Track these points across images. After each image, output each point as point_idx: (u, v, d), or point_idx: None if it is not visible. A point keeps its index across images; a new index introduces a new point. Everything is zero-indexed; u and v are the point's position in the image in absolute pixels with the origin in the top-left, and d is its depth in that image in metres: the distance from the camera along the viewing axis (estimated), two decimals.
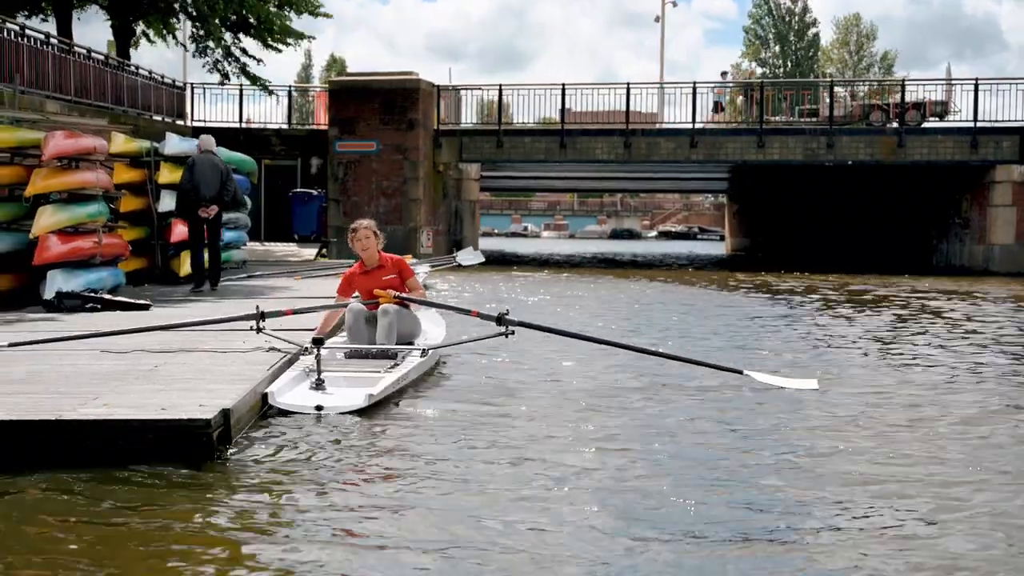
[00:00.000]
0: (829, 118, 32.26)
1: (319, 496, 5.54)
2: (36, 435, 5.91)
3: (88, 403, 6.36)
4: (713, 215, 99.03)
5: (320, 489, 5.66)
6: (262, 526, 5.05)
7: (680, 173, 43.57)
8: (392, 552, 4.69)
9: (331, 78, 33.86)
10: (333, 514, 5.26)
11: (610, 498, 5.50)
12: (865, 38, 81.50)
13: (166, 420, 5.96)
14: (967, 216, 32.26)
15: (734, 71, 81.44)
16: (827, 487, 5.79)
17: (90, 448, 5.90)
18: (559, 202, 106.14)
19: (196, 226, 15.57)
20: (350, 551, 4.73)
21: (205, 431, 5.96)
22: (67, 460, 5.85)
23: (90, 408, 6.21)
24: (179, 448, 5.94)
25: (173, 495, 5.46)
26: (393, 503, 5.41)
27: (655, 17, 61.28)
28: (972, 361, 11.28)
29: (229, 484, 5.71)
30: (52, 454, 5.88)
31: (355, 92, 32.42)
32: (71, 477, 5.65)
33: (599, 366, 10.15)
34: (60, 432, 5.91)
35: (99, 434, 5.92)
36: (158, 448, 5.93)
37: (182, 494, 5.48)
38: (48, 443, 5.90)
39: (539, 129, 34.03)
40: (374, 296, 9.48)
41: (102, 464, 5.82)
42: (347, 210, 32.45)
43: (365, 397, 7.60)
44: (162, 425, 5.93)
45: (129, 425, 5.94)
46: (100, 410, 6.17)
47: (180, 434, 5.94)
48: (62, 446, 5.90)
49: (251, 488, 5.66)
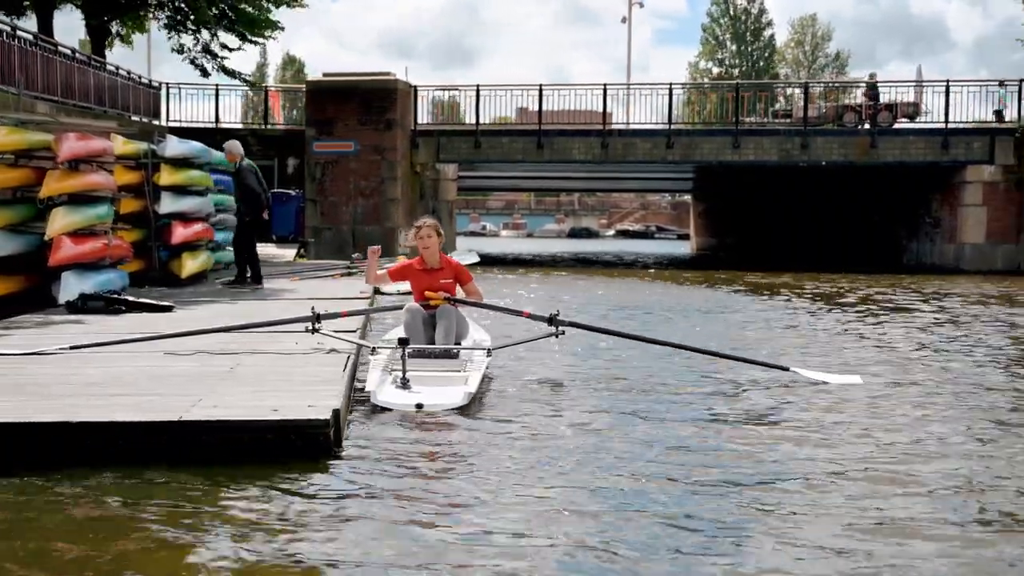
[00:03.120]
0: (803, 119, 32.71)
1: (445, 487, 5.74)
2: (157, 435, 6.02)
3: (196, 404, 6.46)
4: (670, 214, 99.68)
5: (444, 481, 5.86)
6: (396, 516, 5.23)
7: (649, 173, 43.93)
8: (526, 546, 4.84)
9: (309, 78, 33.87)
10: (460, 504, 5.43)
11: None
12: (821, 39, 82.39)
13: (288, 420, 6.09)
14: (938, 216, 32.83)
15: (692, 70, 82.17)
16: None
17: (208, 447, 6.02)
18: (517, 201, 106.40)
19: (258, 227, 16.44)
20: (486, 544, 4.87)
21: (323, 431, 6.11)
22: (185, 459, 5.96)
23: (202, 410, 6.32)
24: (298, 447, 6.07)
25: (307, 491, 5.62)
26: (518, 495, 5.59)
27: (621, 18, 61.54)
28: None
29: (353, 479, 5.87)
30: (172, 453, 5.99)
31: (332, 92, 32.45)
32: (197, 476, 5.77)
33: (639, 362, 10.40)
34: (184, 432, 6.03)
35: (218, 434, 6.04)
36: (277, 447, 6.05)
37: (314, 489, 5.65)
38: (170, 443, 6.02)
39: (517, 129, 34.27)
40: (426, 296, 9.61)
41: (219, 463, 5.94)
42: (325, 210, 32.51)
43: (464, 395, 7.78)
44: (284, 425, 6.06)
45: (250, 426, 6.06)
46: (217, 411, 6.28)
47: (299, 434, 6.07)
48: (184, 446, 6.02)
49: (374, 482, 5.82)
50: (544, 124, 33.21)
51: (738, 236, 46.57)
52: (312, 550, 4.75)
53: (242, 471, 5.84)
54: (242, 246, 16.90)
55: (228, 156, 16.78)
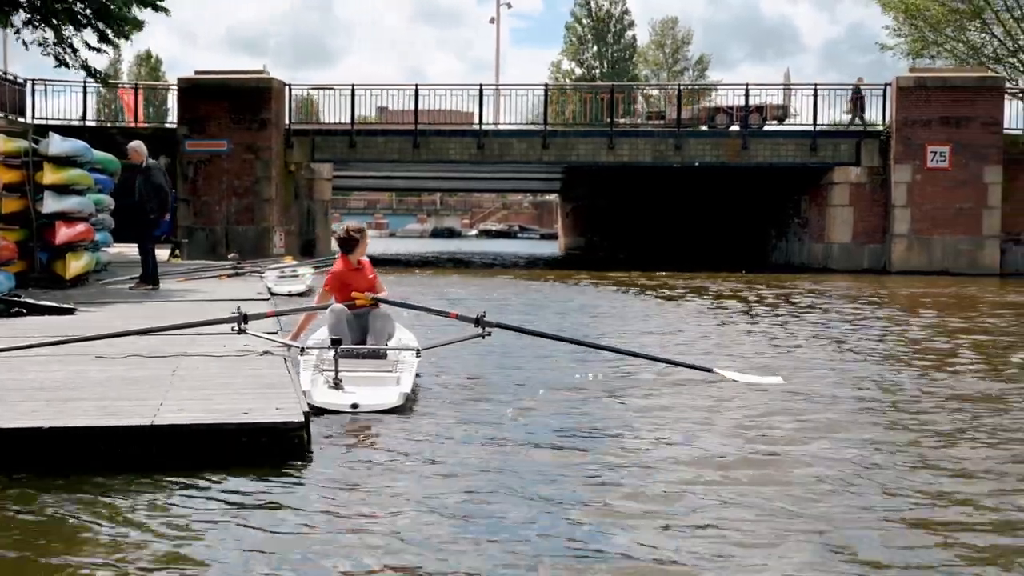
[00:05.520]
0: (677, 121, 33.28)
1: (421, 484, 5.83)
2: (127, 441, 5.91)
3: (160, 408, 6.34)
4: (532, 214, 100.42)
5: (420, 478, 5.96)
6: (375, 515, 5.30)
7: (520, 173, 44.19)
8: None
9: (180, 76, 33.09)
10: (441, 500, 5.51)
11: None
12: (681, 41, 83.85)
13: (265, 423, 6.03)
14: (807, 216, 33.75)
15: (554, 70, 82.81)
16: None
17: (178, 452, 5.92)
18: (378, 200, 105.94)
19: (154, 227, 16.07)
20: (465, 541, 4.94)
21: (299, 433, 6.07)
22: (156, 465, 5.86)
23: (171, 413, 6.21)
24: (272, 450, 6.02)
25: (292, 492, 5.60)
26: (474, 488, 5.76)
27: (490, 19, 61.73)
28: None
29: (334, 478, 5.91)
30: (143, 459, 5.88)
31: (205, 90, 31.99)
32: (170, 480, 5.68)
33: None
34: (154, 437, 5.93)
35: (191, 438, 5.95)
36: (248, 451, 5.98)
37: (296, 491, 5.63)
38: (142, 448, 5.91)
39: (392, 129, 34.09)
40: (352, 298, 9.55)
41: (193, 468, 5.85)
42: (197, 210, 32.02)
43: (399, 395, 7.81)
44: (260, 428, 5.99)
45: (223, 429, 5.98)
46: (186, 415, 6.17)
47: (275, 436, 6.02)
48: (154, 451, 5.91)
49: (354, 481, 5.89)
50: (419, 124, 33.15)
51: (608, 236, 47.11)
52: (314, 551, 4.75)
53: (216, 474, 5.78)
54: (147, 245, 16.50)
55: (133, 156, 16.35)
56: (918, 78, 32.07)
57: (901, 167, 31.22)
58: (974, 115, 30.90)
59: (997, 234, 31.06)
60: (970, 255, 30.95)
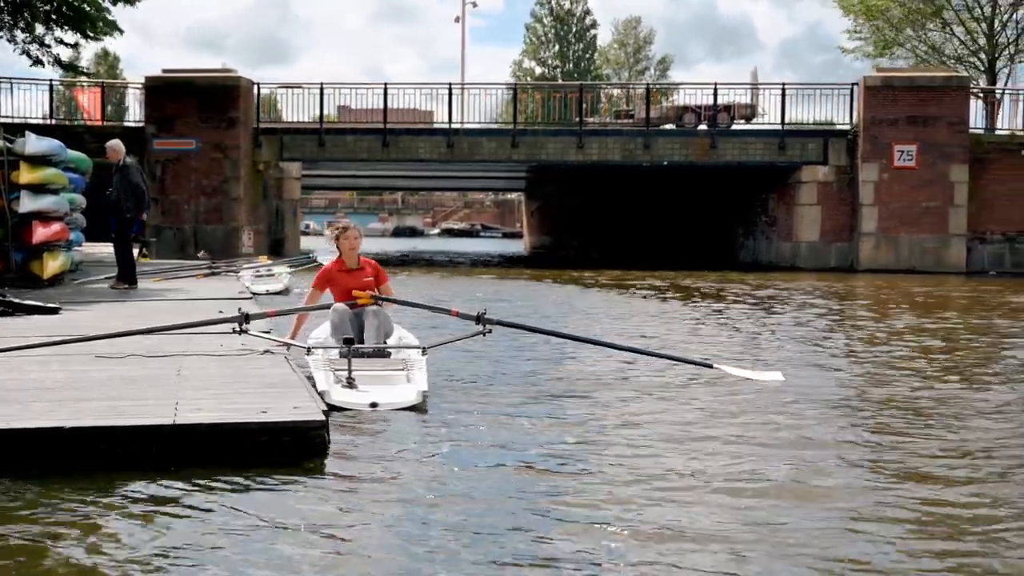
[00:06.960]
0: (646, 120, 33.40)
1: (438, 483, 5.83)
2: (148, 440, 5.89)
3: (178, 408, 6.32)
4: (494, 212, 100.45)
5: (440, 477, 5.96)
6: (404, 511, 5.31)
7: (487, 172, 44.22)
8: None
9: (147, 74, 32.85)
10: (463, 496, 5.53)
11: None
12: (643, 41, 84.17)
13: (287, 422, 6.03)
14: (774, 214, 33.97)
15: (515, 69, 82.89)
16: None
17: (199, 452, 5.91)
18: (339, 199, 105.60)
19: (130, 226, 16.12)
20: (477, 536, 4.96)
21: (319, 432, 6.07)
22: (174, 464, 5.84)
23: (190, 412, 6.19)
24: (292, 449, 6.01)
25: (319, 491, 5.62)
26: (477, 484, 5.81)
27: (455, 18, 61.73)
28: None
29: (354, 476, 5.92)
30: (162, 458, 5.86)
31: (173, 89, 31.84)
32: (191, 480, 5.66)
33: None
34: (175, 437, 5.92)
35: (213, 438, 5.94)
36: (270, 450, 5.98)
37: (323, 490, 5.64)
38: (161, 448, 5.89)
39: (362, 128, 34.03)
40: (352, 296, 9.55)
41: (214, 465, 5.84)
42: (165, 209, 31.84)
43: (416, 393, 7.82)
44: (282, 427, 5.99)
45: (245, 429, 5.98)
46: (207, 415, 6.15)
47: (296, 436, 6.02)
48: (174, 451, 5.90)
49: (375, 479, 5.89)
50: (388, 123, 33.11)
51: (578, 234, 47.19)
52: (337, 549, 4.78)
53: (239, 474, 5.77)
54: (124, 244, 16.49)
55: (111, 154, 16.40)
56: (885, 78, 32.39)
57: (868, 166, 31.50)
58: (940, 114, 31.24)
59: (963, 233, 31.38)
60: (936, 253, 31.26)
